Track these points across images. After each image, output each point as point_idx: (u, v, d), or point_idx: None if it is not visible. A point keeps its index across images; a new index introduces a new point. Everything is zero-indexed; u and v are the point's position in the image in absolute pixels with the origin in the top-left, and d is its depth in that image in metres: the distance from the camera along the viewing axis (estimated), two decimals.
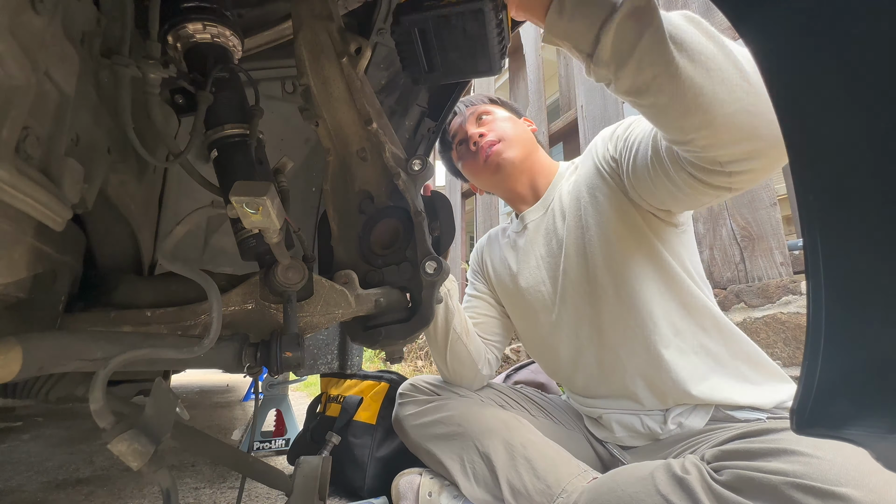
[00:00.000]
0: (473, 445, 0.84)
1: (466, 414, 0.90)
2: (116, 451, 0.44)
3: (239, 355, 0.56)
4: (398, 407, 1.02)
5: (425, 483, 0.92)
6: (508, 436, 0.83)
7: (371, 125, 0.67)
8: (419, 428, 0.94)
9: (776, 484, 0.53)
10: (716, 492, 0.56)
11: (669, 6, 1.79)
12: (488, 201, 3.21)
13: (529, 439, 0.82)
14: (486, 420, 0.87)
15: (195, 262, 1.14)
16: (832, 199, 0.28)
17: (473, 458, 0.83)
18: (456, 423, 0.89)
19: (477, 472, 0.82)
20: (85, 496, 1.12)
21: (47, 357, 0.43)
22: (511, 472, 0.78)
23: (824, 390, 0.29)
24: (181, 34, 0.64)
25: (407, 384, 1.05)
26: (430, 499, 0.89)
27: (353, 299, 0.65)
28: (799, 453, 0.55)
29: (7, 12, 0.35)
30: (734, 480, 0.56)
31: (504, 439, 0.83)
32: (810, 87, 0.29)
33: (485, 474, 0.81)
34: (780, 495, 0.52)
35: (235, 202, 0.43)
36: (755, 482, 0.54)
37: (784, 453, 0.56)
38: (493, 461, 0.80)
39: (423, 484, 0.92)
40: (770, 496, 0.53)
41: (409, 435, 0.96)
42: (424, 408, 0.96)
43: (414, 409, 0.97)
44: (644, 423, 0.85)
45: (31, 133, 0.39)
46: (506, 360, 2.64)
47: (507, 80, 3.14)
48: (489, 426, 0.86)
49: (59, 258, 0.53)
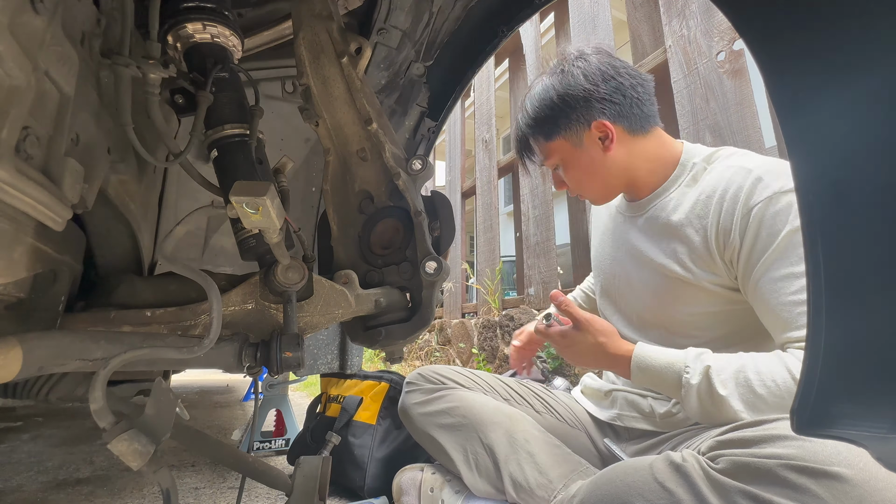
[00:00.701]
0: (477, 437, 0.86)
1: (471, 406, 0.91)
2: (116, 451, 0.44)
3: (239, 355, 0.56)
4: (405, 395, 1.03)
5: (427, 479, 0.93)
6: (512, 429, 0.84)
7: (371, 125, 0.67)
8: (424, 417, 0.95)
9: (770, 466, 0.54)
10: (712, 478, 0.57)
11: (669, 7, 1.79)
12: (488, 201, 3.21)
13: (532, 434, 0.84)
14: (491, 413, 0.89)
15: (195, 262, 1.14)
16: (832, 198, 0.28)
17: (477, 449, 0.85)
18: (461, 415, 0.90)
19: (480, 464, 0.84)
20: (85, 496, 1.12)
21: (47, 357, 0.43)
22: (514, 466, 0.80)
23: (825, 390, 0.29)
24: (181, 34, 0.64)
25: (415, 373, 1.06)
26: (431, 494, 0.90)
27: (353, 299, 0.65)
28: (792, 437, 0.56)
29: (7, 12, 0.35)
30: (730, 467, 0.57)
31: (507, 432, 0.84)
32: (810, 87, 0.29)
33: (487, 466, 0.83)
34: (774, 477, 0.54)
35: (235, 202, 0.43)
36: (751, 467, 0.56)
37: (778, 439, 0.57)
38: (496, 453, 0.82)
39: (426, 479, 0.93)
40: (765, 479, 0.54)
41: (415, 422, 0.97)
42: (430, 397, 0.97)
43: (420, 397, 0.98)
44: (649, 403, 0.87)
45: (31, 133, 0.39)
46: (505, 361, 2.64)
47: (507, 80, 3.14)
48: (493, 419, 0.87)
49: (59, 258, 0.53)
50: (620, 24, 2.16)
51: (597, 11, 2.22)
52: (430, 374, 1.03)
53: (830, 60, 0.27)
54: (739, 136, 1.53)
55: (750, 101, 1.52)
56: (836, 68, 0.27)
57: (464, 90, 1.24)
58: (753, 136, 1.51)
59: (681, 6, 1.74)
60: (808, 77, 0.29)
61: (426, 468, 0.96)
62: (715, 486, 0.57)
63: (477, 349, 2.91)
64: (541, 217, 2.53)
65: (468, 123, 3.90)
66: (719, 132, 1.57)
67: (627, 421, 0.91)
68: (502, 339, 2.65)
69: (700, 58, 1.67)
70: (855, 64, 0.26)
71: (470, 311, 3.39)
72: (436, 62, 1.14)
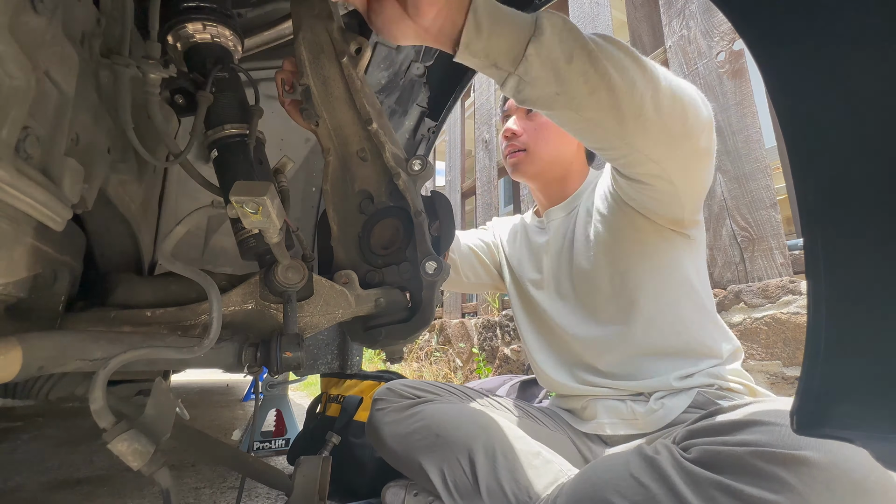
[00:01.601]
0: (455, 457, 0.81)
1: (445, 422, 0.86)
2: (116, 451, 0.44)
3: (239, 355, 0.56)
4: (374, 413, 0.96)
5: (410, 501, 0.90)
6: (489, 443, 0.80)
7: (371, 125, 0.67)
8: (398, 439, 0.90)
9: (740, 455, 0.55)
10: (685, 468, 0.58)
11: (669, 7, 1.79)
12: (488, 201, 3.22)
13: (510, 444, 0.80)
14: (466, 426, 0.85)
15: (195, 262, 1.14)
16: (832, 199, 0.28)
17: (455, 470, 0.80)
18: (434, 433, 0.85)
19: (459, 486, 0.79)
20: (85, 496, 1.12)
21: (47, 357, 0.43)
22: (491, 480, 0.76)
23: (824, 391, 0.29)
24: (181, 34, 0.64)
25: (383, 389, 1.00)
26: None
27: (353, 299, 0.65)
28: (762, 423, 0.57)
29: (7, 12, 0.35)
30: (702, 456, 0.58)
31: (484, 447, 0.80)
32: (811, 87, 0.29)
33: (465, 485, 0.79)
34: (745, 465, 0.55)
35: (235, 202, 0.43)
36: (722, 455, 0.57)
37: (749, 425, 0.58)
38: (475, 469, 0.78)
39: (409, 502, 0.90)
40: (736, 467, 0.55)
41: (387, 445, 0.91)
42: (402, 416, 0.92)
43: (392, 416, 0.93)
44: (629, 406, 0.87)
45: (31, 133, 0.39)
46: (505, 361, 2.64)
47: None
48: (468, 432, 0.83)
49: (59, 258, 0.53)
50: (620, 24, 2.16)
51: (597, 11, 2.22)
52: (400, 388, 0.98)
53: (830, 60, 0.27)
54: (739, 136, 1.53)
55: (750, 101, 1.53)
56: (835, 68, 0.27)
57: (464, 90, 1.24)
58: (753, 136, 1.51)
59: (681, 6, 1.74)
60: (808, 77, 0.29)
61: (409, 487, 0.92)
62: (688, 478, 0.58)
63: (477, 349, 2.91)
64: None
65: (468, 123, 3.90)
66: (719, 132, 1.57)
67: (610, 429, 0.89)
68: (502, 339, 2.65)
69: (700, 58, 1.67)
70: (854, 64, 0.26)
71: (470, 311, 3.39)
72: (436, 62, 1.14)
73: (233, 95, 0.66)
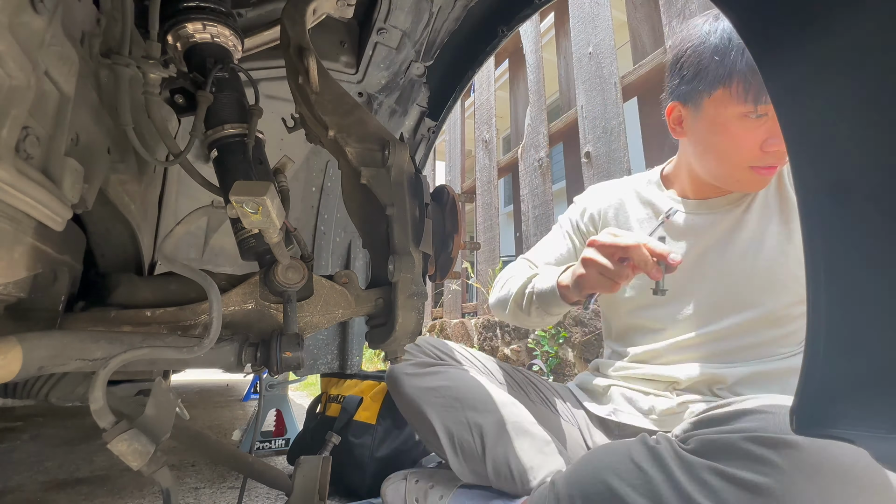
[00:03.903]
0: (466, 423, 0.85)
1: (465, 389, 0.90)
2: (116, 451, 0.44)
3: (239, 355, 0.56)
4: None
5: (411, 489, 0.92)
6: (502, 421, 0.84)
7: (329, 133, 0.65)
8: (415, 390, 0.93)
9: (733, 440, 0.57)
10: (682, 457, 0.60)
11: (669, 7, 1.79)
12: (488, 201, 3.21)
13: (522, 428, 0.84)
14: (483, 399, 0.88)
15: (195, 262, 1.14)
16: (832, 198, 0.28)
17: (464, 435, 0.84)
18: (453, 396, 0.89)
19: (465, 450, 0.84)
20: (85, 496, 1.12)
21: (47, 357, 0.43)
22: (498, 454, 0.80)
23: (825, 390, 0.29)
24: (181, 34, 0.64)
25: None
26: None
27: (353, 299, 0.65)
28: (757, 411, 0.59)
29: (7, 12, 0.35)
30: (699, 446, 0.60)
31: (497, 423, 0.84)
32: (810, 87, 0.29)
33: (472, 450, 0.83)
34: (737, 449, 0.56)
35: (235, 202, 0.43)
36: (717, 443, 0.59)
37: (745, 414, 0.60)
38: (483, 440, 0.82)
39: (409, 490, 0.92)
40: (728, 452, 0.57)
41: (405, 392, 0.94)
42: (424, 371, 0.95)
43: (413, 369, 0.96)
44: (651, 401, 0.88)
45: (31, 133, 0.39)
46: (505, 361, 2.64)
47: (507, 80, 3.14)
48: (486, 407, 0.87)
49: (59, 258, 0.53)
50: (620, 24, 2.16)
51: (597, 11, 2.22)
52: (426, 346, 1.00)
53: (830, 61, 0.27)
54: None
55: None
56: (835, 68, 0.27)
57: (464, 90, 1.24)
58: None
59: (681, 6, 1.74)
60: (808, 77, 0.29)
61: (409, 476, 0.94)
62: (683, 464, 0.60)
63: (477, 349, 2.91)
64: (541, 217, 2.53)
65: (468, 123, 3.90)
66: None
67: (622, 417, 0.91)
68: (502, 339, 2.65)
69: None
70: (854, 64, 0.26)
71: (470, 311, 3.39)
72: (436, 62, 1.14)
73: (233, 95, 0.66)
